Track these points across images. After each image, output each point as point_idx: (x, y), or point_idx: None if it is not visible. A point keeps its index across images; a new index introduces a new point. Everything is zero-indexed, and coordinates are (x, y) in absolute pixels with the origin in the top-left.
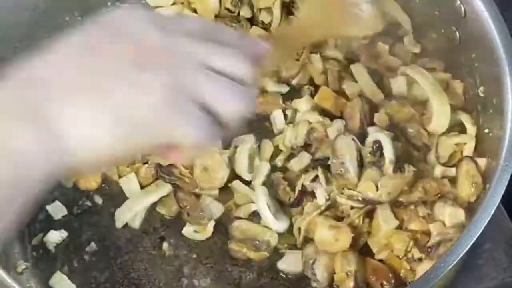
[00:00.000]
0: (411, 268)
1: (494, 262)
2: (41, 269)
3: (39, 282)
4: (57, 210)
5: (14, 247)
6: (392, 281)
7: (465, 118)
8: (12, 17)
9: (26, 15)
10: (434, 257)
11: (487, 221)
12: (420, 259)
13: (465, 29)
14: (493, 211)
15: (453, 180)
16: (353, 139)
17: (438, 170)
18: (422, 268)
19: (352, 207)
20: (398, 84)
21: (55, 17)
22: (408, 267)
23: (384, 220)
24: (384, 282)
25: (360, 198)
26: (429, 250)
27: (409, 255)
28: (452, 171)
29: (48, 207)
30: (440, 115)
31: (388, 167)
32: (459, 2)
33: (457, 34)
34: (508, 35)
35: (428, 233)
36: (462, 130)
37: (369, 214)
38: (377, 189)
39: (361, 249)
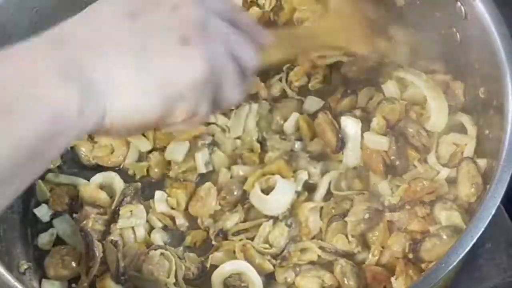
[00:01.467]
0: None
1: (494, 262)
2: (44, 269)
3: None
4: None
5: (16, 247)
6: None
7: (465, 119)
8: (14, 18)
9: (29, 15)
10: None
11: (487, 221)
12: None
13: (465, 31)
14: (493, 211)
15: (453, 181)
16: None
17: (439, 171)
18: None
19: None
20: (389, 90)
21: (58, 18)
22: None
23: None
24: (386, 286)
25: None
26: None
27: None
28: (452, 172)
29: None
30: (438, 112)
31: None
32: (459, 4)
33: (458, 36)
34: (509, 36)
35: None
36: (463, 131)
37: None
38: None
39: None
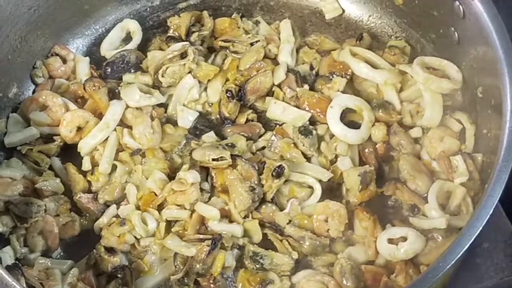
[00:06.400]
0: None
1: (492, 261)
2: None
3: None
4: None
5: None
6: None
7: (463, 118)
8: (13, 18)
9: (27, 16)
10: None
11: (485, 220)
12: None
13: (463, 30)
14: (491, 210)
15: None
16: None
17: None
18: None
19: None
20: (388, 93)
21: (55, 18)
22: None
23: None
24: (386, 284)
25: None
26: None
27: None
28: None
29: None
30: (432, 108)
31: None
32: (458, 3)
33: (456, 35)
34: (507, 36)
35: None
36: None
37: None
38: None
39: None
